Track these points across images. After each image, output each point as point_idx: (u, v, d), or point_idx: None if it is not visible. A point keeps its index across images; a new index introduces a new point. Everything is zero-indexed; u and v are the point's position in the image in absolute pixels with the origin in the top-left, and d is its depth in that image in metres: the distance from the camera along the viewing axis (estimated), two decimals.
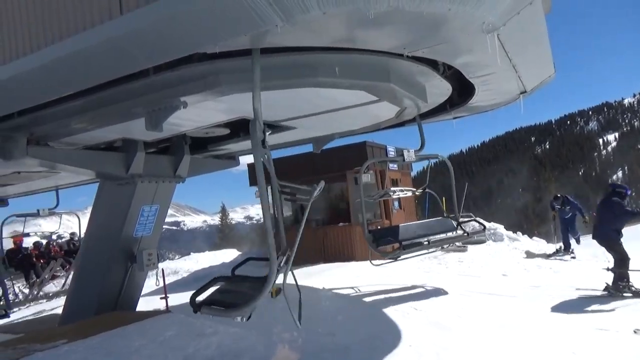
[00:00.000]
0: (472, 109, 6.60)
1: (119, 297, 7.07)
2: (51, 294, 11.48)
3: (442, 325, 6.13)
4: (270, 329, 6.11)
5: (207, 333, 5.76)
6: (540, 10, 3.55)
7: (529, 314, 6.36)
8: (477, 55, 4.06)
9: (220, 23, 2.90)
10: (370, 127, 7.37)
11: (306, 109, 5.52)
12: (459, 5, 2.94)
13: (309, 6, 2.72)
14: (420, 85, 5.06)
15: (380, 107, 5.61)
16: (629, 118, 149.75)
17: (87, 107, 4.65)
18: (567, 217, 11.46)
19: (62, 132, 5.44)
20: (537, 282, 8.34)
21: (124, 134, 6.00)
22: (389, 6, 2.82)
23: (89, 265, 7.05)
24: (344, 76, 4.14)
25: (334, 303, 7.58)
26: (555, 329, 5.64)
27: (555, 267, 9.97)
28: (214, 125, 5.91)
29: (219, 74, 3.94)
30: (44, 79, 3.87)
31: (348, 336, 5.93)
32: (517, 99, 6.08)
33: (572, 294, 7.24)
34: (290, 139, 7.49)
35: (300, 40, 3.48)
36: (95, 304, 6.82)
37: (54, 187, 10.53)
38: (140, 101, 4.39)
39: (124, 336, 5.49)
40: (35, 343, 5.27)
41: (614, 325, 5.57)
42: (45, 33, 3.55)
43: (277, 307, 6.98)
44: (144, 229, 7.04)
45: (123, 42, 3.15)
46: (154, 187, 6.89)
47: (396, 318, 6.54)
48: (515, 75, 4.96)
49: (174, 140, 6.96)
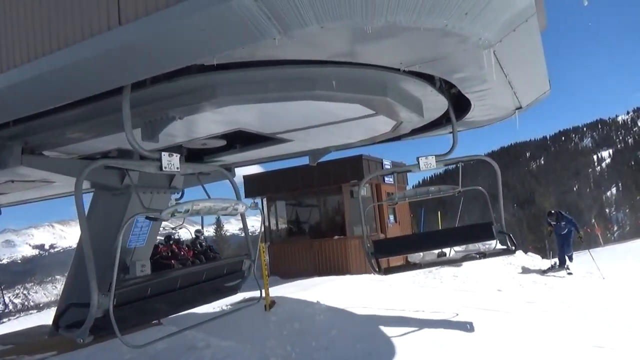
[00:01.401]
0: (468, 123, 6.62)
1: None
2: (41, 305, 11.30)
3: (438, 341, 6.08)
4: (264, 343, 6.04)
5: (199, 346, 5.69)
6: (536, 27, 3.58)
7: (524, 330, 6.33)
8: (473, 71, 4.09)
9: (218, 36, 2.92)
10: (367, 141, 7.38)
11: (302, 122, 5.52)
12: (455, 21, 2.97)
13: (307, 20, 2.73)
14: (416, 99, 5.08)
15: (376, 121, 5.63)
16: (623, 135, 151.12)
17: (83, 117, 4.63)
18: (562, 233, 11.49)
19: (58, 142, 5.41)
20: (532, 298, 8.33)
21: (119, 144, 5.98)
22: (387, 21, 2.84)
23: (82, 276, 6.96)
24: (340, 90, 4.14)
25: (328, 317, 7.52)
26: (550, 346, 5.60)
27: (550, 282, 9.96)
28: (210, 137, 5.90)
29: (216, 85, 3.94)
30: (40, 89, 3.85)
31: (342, 351, 5.87)
32: (512, 115, 6.11)
33: (568, 311, 7.21)
34: (286, 151, 7.48)
35: (297, 54, 3.49)
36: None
37: (48, 196, 10.43)
38: (136, 112, 4.38)
39: (114, 348, 5.42)
40: (23, 355, 5.19)
41: (609, 343, 5.55)
42: (43, 43, 3.55)
43: (270, 321, 6.94)
44: (137, 240, 6.99)
45: (121, 53, 3.15)
46: (148, 197, 6.85)
47: (391, 334, 6.49)
48: (511, 91, 4.99)
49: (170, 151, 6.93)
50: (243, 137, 6.18)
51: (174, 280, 5.15)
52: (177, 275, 5.32)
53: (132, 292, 4.66)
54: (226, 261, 6.40)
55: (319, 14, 2.71)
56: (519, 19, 3.23)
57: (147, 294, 4.73)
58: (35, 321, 10.95)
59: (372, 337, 6.46)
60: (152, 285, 4.83)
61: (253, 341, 5.98)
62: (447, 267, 11.76)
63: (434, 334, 6.36)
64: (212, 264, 6.24)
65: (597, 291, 7.51)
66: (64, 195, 10.33)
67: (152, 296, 4.77)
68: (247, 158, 7.80)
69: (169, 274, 5.86)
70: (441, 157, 5.78)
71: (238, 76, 3.87)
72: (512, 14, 3.15)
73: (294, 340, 6.16)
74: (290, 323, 6.74)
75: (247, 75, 3.89)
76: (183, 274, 5.40)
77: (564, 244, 11.48)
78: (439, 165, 5.80)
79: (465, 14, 2.91)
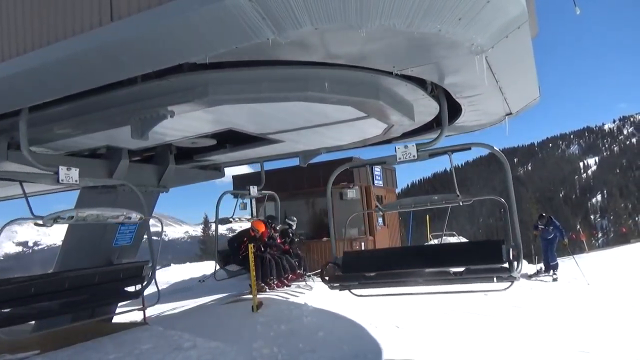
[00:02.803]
0: (459, 128, 6.66)
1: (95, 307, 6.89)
2: None
3: (425, 343, 6.10)
4: (251, 344, 6.00)
5: (185, 347, 5.63)
6: (527, 35, 3.61)
7: (510, 334, 6.37)
8: (465, 76, 4.12)
9: (211, 35, 2.90)
10: (357, 143, 7.39)
11: (294, 123, 5.52)
12: (449, 26, 2.98)
13: (302, 21, 2.73)
14: (408, 103, 5.10)
15: (367, 124, 5.64)
16: (609, 143, 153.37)
17: (71, 113, 4.58)
18: (548, 238, 11.60)
19: (45, 138, 5.33)
20: (518, 303, 8.38)
21: (108, 141, 5.92)
22: (381, 24, 2.85)
23: None
24: (333, 91, 4.15)
25: (315, 319, 7.49)
26: (536, 351, 5.65)
27: (536, 287, 10.05)
28: (200, 136, 5.87)
29: (208, 84, 3.92)
30: (29, 84, 3.80)
31: (329, 353, 5.86)
32: (502, 120, 6.16)
33: (553, 315, 7.28)
34: (277, 152, 7.47)
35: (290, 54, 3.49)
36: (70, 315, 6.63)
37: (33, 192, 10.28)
38: (126, 109, 4.34)
39: (99, 348, 5.34)
40: (5, 353, 5.10)
41: (594, 347, 5.61)
42: (33, 37, 3.50)
43: (257, 322, 6.90)
44: (124, 239, 6.92)
45: (112, 49, 3.12)
46: (136, 196, 6.78)
47: (378, 336, 6.49)
48: (501, 97, 5.03)
49: (159, 149, 6.88)
50: (234, 137, 6.16)
51: (62, 281, 5.17)
52: (65, 277, 5.36)
53: (12, 291, 4.64)
54: (124, 266, 6.42)
55: (314, 15, 2.71)
56: (511, 25, 3.25)
57: (31, 292, 4.71)
58: None
59: (359, 339, 6.46)
60: (37, 285, 4.87)
61: (240, 342, 5.94)
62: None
63: (420, 337, 6.38)
64: (106, 268, 6.28)
65: (582, 297, 7.60)
66: (50, 192, 10.19)
67: (35, 296, 4.80)
68: (238, 158, 7.77)
69: (57, 275, 5.78)
70: (425, 146, 4.83)
71: (230, 75, 3.85)
72: (505, 21, 3.17)
73: (281, 341, 6.13)
74: (277, 324, 6.71)
75: (240, 75, 3.87)
76: (73, 276, 5.44)
77: (548, 248, 11.60)
78: (422, 155, 4.77)
79: (458, 19, 2.93)
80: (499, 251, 4.26)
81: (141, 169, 6.83)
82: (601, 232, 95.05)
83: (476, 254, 4.74)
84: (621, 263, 13.06)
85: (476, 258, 4.52)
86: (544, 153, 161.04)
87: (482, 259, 4.42)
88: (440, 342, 6.16)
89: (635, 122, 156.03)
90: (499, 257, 4.23)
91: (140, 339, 5.73)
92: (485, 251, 4.64)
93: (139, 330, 6.19)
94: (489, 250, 4.46)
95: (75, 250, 6.87)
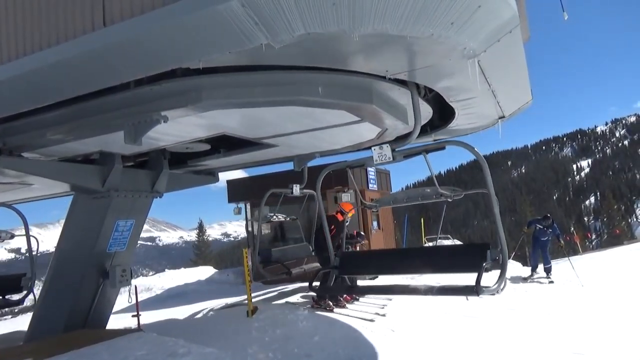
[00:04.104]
0: (452, 132, 6.69)
1: (89, 314, 6.83)
2: (17, 310, 11.01)
3: (420, 347, 6.10)
4: (246, 349, 5.98)
5: (179, 353, 5.58)
6: (519, 39, 3.64)
7: (505, 336, 6.38)
8: (457, 80, 4.14)
9: (204, 40, 2.90)
10: (352, 147, 7.40)
11: (288, 127, 5.52)
12: (441, 30, 3.00)
13: (295, 27, 2.74)
14: (401, 107, 5.11)
15: (361, 128, 5.65)
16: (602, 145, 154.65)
17: (64, 119, 4.55)
18: (544, 239, 11.62)
19: (37, 143, 5.30)
20: (513, 305, 8.40)
21: (101, 146, 5.89)
22: (374, 29, 2.86)
23: (59, 280, 6.82)
24: (326, 96, 4.15)
25: (311, 323, 7.48)
26: (530, 352, 5.66)
27: (530, 290, 10.07)
28: (194, 141, 5.85)
29: (202, 89, 3.91)
30: (22, 89, 3.78)
31: (325, 357, 5.85)
32: (495, 124, 6.20)
33: (548, 317, 7.30)
34: (271, 156, 7.46)
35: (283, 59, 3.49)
36: (63, 321, 6.56)
37: (26, 199, 10.21)
38: (119, 114, 4.32)
39: (92, 355, 5.29)
40: None
41: (589, 349, 5.63)
42: (25, 42, 3.49)
43: (252, 327, 6.88)
44: (118, 244, 6.87)
45: (105, 54, 3.12)
46: (130, 201, 6.75)
47: (374, 340, 6.49)
48: (494, 100, 5.06)
49: (153, 154, 6.86)
50: (227, 142, 6.15)
51: None
52: None
53: None
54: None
55: (307, 20, 2.72)
56: (503, 29, 3.28)
57: None
58: (10, 327, 10.66)
59: (354, 343, 6.45)
60: None
61: (235, 347, 5.91)
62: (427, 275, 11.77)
63: (416, 340, 6.38)
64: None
65: (577, 298, 7.62)
66: (43, 198, 10.13)
67: None
68: (232, 163, 7.75)
69: None
70: (399, 145, 4.62)
71: (224, 80, 3.85)
72: (497, 25, 3.20)
73: (276, 346, 6.11)
74: (272, 329, 6.70)
75: (233, 80, 3.87)
76: None
77: (541, 250, 11.59)
78: (398, 156, 4.53)
79: (451, 23, 2.95)
80: (484, 255, 4.08)
81: (134, 174, 6.80)
82: (594, 233, 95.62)
83: (462, 257, 4.62)
84: (615, 265, 13.12)
85: (461, 263, 4.43)
86: (537, 155, 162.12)
87: (467, 264, 4.26)
88: (436, 345, 6.16)
89: (627, 124, 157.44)
90: (485, 261, 4.04)
91: (135, 346, 5.67)
92: (471, 255, 4.45)
93: (134, 336, 6.14)
94: (475, 254, 4.25)
95: (68, 255, 6.81)
